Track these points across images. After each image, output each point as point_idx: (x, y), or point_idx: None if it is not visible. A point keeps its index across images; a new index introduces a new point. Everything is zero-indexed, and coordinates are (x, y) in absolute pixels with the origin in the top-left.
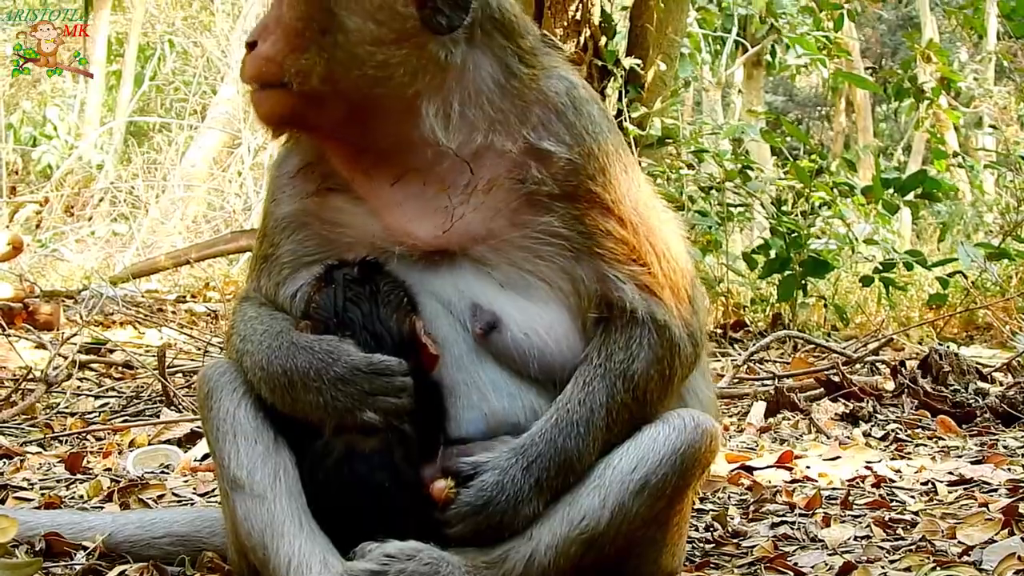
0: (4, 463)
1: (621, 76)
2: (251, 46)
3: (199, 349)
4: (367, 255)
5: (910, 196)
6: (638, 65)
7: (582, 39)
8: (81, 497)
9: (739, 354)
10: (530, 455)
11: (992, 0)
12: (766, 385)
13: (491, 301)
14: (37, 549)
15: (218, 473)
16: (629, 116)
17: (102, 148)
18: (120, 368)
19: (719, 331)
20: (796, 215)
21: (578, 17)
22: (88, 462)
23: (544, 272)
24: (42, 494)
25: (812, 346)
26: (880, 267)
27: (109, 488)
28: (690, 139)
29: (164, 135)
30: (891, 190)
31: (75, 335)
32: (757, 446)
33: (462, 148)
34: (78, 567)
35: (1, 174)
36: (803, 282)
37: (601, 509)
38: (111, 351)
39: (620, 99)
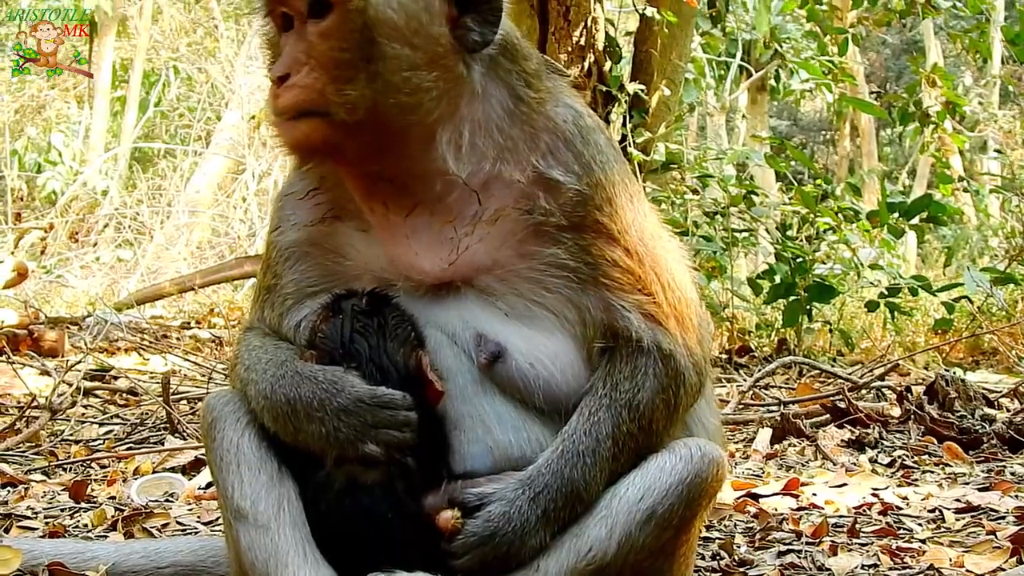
0: (8, 491)
1: (625, 101)
2: (282, 79)
3: (203, 376)
4: (374, 287)
5: (915, 220)
6: (642, 90)
7: (586, 64)
8: (85, 526)
9: (744, 380)
10: (537, 486)
11: (997, 24)
12: (772, 411)
13: (496, 331)
14: None
15: (221, 503)
16: (633, 141)
17: (107, 174)
18: (124, 395)
19: (724, 356)
20: (801, 240)
21: (582, 42)
22: (92, 490)
23: (550, 302)
24: (46, 523)
25: (817, 372)
26: (885, 292)
27: (113, 517)
28: (694, 164)
29: (169, 161)
30: (896, 214)
31: (79, 362)
32: (763, 473)
33: (471, 178)
34: None
35: (6, 200)
36: (808, 307)
37: (608, 540)
38: (115, 378)
39: (624, 124)
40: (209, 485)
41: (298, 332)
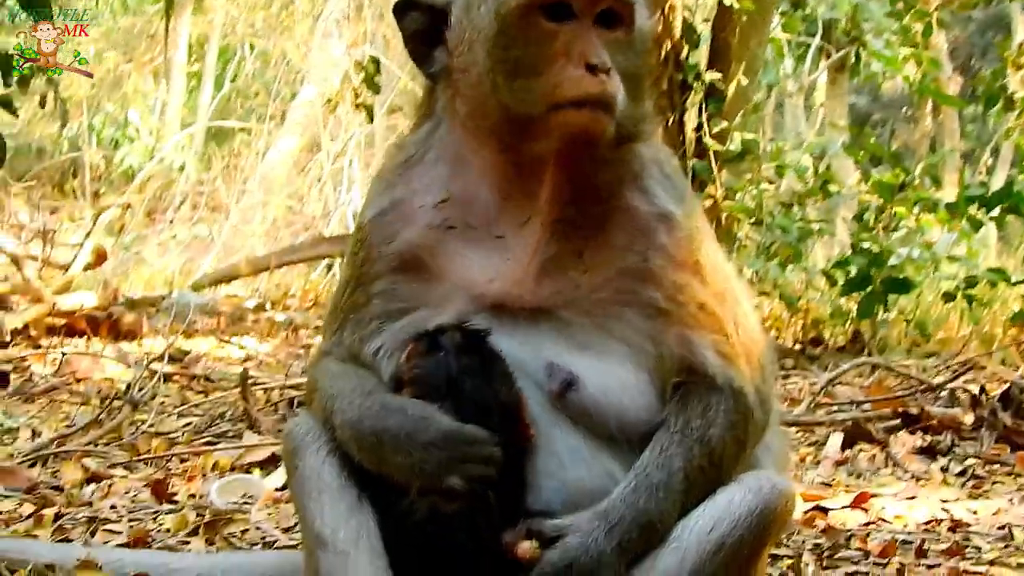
0: (93, 488)
1: (702, 89)
2: (608, 71)
3: (280, 362)
4: (464, 321)
5: (995, 211)
6: (719, 79)
7: (663, 52)
8: (168, 530)
9: (817, 374)
10: (612, 518)
11: None
12: (844, 411)
13: (567, 360)
14: None
15: (303, 528)
16: (709, 130)
17: (183, 150)
18: (202, 381)
19: (797, 347)
20: (878, 231)
21: (659, 29)
22: (173, 486)
23: (628, 335)
24: (130, 526)
25: (890, 370)
26: (962, 284)
27: (194, 522)
28: (772, 155)
29: (244, 137)
30: (976, 206)
31: (160, 357)
32: (833, 481)
33: (600, 199)
34: None
35: (84, 174)
36: (884, 300)
37: (679, 571)
38: (192, 363)
39: (700, 113)
40: (287, 486)
41: (376, 359)
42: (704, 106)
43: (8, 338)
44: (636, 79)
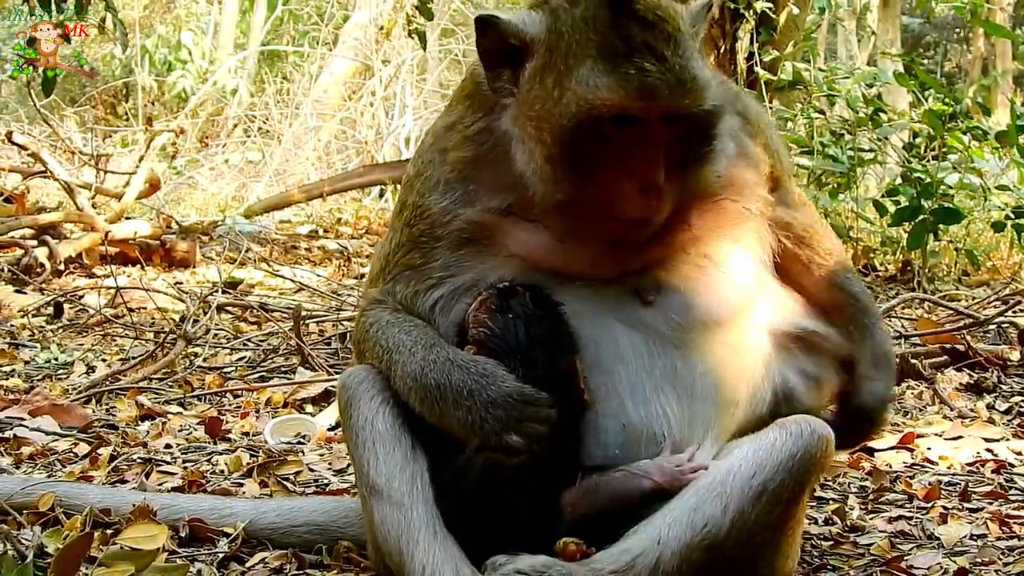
0: (148, 425)
1: (753, 19)
2: (659, 193)
3: (332, 292)
4: (536, 284)
5: None
6: (770, 8)
7: None
8: (221, 472)
9: None
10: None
11: None
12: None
13: (653, 279)
14: (182, 535)
15: (357, 478)
16: (760, 60)
17: (235, 72)
18: (255, 312)
19: None
20: (928, 160)
21: None
22: (227, 423)
23: (724, 248)
24: (184, 467)
25: (940, 306)
26: (1012, 215)
27: (248, 464)
28: (823, 83)
29: (296, 60)
30: None
31: (212, 293)
32: None
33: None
34: (220, 553)
35: (138, 101)
36: (934, 230)
37: (723, 515)
38: (246, 294)
39: (752, 42)
40: (338, 425)
41: (433, 312)
42: (755, 35)
43: (62, 267)
44: (710, 144)
